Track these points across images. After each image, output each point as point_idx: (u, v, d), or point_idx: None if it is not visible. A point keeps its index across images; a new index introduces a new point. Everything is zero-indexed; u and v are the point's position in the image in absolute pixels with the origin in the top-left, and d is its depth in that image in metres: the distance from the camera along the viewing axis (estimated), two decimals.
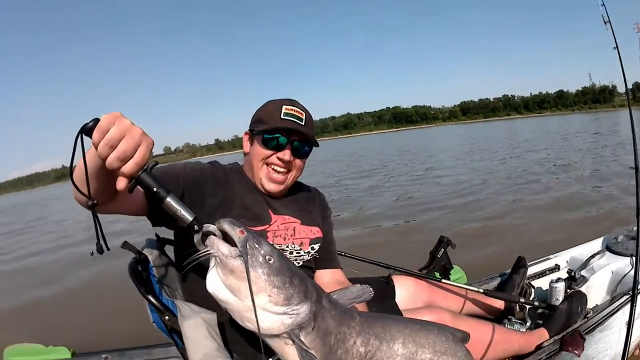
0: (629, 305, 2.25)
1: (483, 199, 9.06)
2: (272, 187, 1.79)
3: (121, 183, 1.13)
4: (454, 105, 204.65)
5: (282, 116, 1.72)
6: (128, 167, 1.10)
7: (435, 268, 2.88)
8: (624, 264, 2.88)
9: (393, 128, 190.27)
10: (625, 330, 2.12)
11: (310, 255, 1.87)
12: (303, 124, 1.76)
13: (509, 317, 2.60)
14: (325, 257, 1.98)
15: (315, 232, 1.91)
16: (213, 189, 1.72)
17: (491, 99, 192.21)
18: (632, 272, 2.66)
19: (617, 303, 2.36)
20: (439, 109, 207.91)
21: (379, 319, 1.44)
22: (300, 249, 1.83)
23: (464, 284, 2.83)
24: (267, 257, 1.20)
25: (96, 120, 1.08)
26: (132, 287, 1.57)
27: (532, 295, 2.90)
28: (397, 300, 2.31)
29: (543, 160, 14.24)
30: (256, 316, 1.14)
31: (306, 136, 1.77)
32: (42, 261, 8.66)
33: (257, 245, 1.20)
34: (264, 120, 1.74)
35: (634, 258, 2.74)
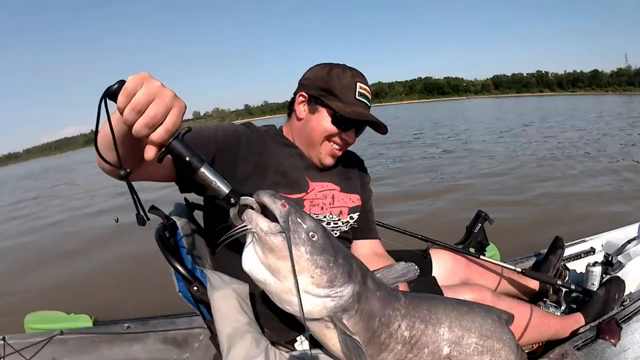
0: None
1: (519, 177, 8.91)
2: (330, 161, 1.74)
3: (150, 152, 1.02)
4: (487, 79, 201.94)
5: (357, 96, 1.64)
6: (158, 135, 0.99)
7: (471, 244, 2.86)
8: None
9: (424, 99, 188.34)
10: None
11: (348, 225, 1.80)
12: (370, 104, 1.71)
13: (544, 299, 2.58)
14: (364, 227, 1.91)
15: (355, 200, 1.83)
16: (246, 154, 1.60)
17: (524, 74, 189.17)
18: None
19: None
20: (471, 81, 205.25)
21: (425, 300, 1.38)
22: (339, 219, 1.75)
23: (501, 261, 2.78)
24: (310, 234, 1.13)
25: (122, 82, 0.97)
26: (156, 256, 1.47)
27: (567, 278, 2.86)
28: (434, 274, 2.27)
29: (580, 142, 13.87)
30: (299, 298, 1.08)
31: (375, 124, 1.70)
32: (65, 230, 8.66)
33: (300, 221, 1.13)
34: (337, 94, 1.63)
35: None
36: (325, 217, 1.71)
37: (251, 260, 1.16)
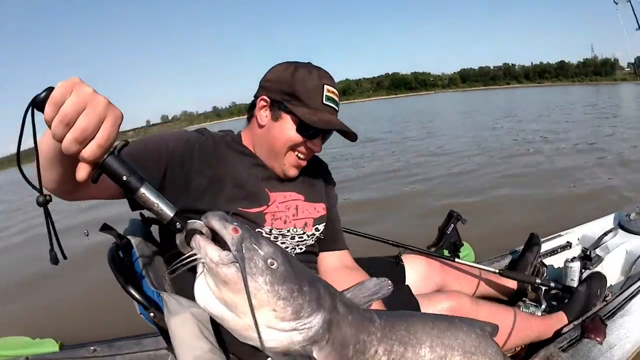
0: None
1: (484, 171, 8.87)
2: (294, 172, 1.60)
3: (82, 171, 0.88)
4: (454, 73, 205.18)
5: (324, 100, 1.50)
6: (89, 151, 0.85)
7: (444, 245, 2.74)
8: (638, 243, 2.79)
9: (392, 94, 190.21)
10: None
11: (314, 238, 1.67)
12: (338, 108, 1.57)
13: (523, 299, 2.49)
14: (331, 238, 1.77)
15: (320, 209, 1.70)
16: (201, 166, 1.45)
17: (491, 67, 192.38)
18: None
19: (638, 285, 2.26)
20: (439, 75, 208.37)
21: (403, 319, 1.23)
22: (304, 233, 1.62)
23: (476, 262, 2.70)
24: (269, 262, 0.96)
25: (50, 90, 0.83)
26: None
27: (545, 275, 2.78)
28: (408, 281, 2.17)
29: (544, 132, 13.92)
30: (260, 336, 0.92)
31: (344, 131, 1.56)
32: (23, 247, 8.27)
33: (256, 247, 0.96)
34: (302, 99, 1.48)
35: None
36: (289, 230, 1.58)
37: (204, 293, 0.98)
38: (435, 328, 1.23)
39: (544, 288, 2.50)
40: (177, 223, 1.00)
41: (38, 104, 0.84)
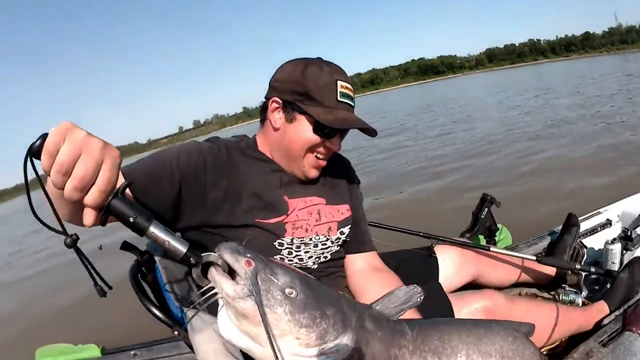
0: None
1: (517, 152, 8.62)
2: (315, 173, 1.54)
3: (88, 217, 0.88)
4: (480, 53, 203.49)
5: (338, 97, 1.43)
6: (91, 198, 0.84)
7: (479, 230, 2.70)
8: None
9: (420, 80, 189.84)
10: None
11: (340, 242, 1.63)
12: (354, 104, 1.50)
13: (563, 285, 2.40)
14: (357, 240, 1.71)
15: (344, 211, 1.64)
16: (215, 178, 1.40)
17: (517, 44, 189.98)
18: None
19: None
20: (465, 57, 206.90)
21: (436, 328, 1.20)
22: (327, 239, 1.57)
23: (511, 248, 2.65)
24: (287, 291, 0.95)
25: (44, 137, 0.82)
26: None
27: (585, 257, 2.66)
28: (441, 274, 2.12)
29: (578, 107, 13.49)
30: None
31: (364, 128, 1.48)
32: (64, 261, 8.49)
33: (271, 277, 0.95)
34: (316, 97, 1.41)
35: None
36: (311, 239, 1.52)
37: (227, 326, 0.97)
38: (472, 335, 1.19)
39: (584, 273, 2.40)
40: (191, 258, 0.98)
41: (35, 153, 0.83)
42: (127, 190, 1.13)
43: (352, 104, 1.48)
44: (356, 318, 1.06)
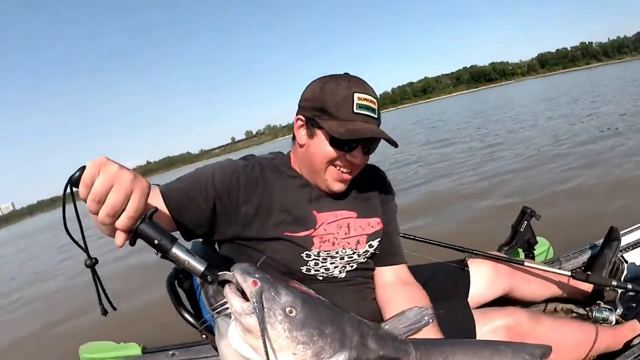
0: None
1: (564, 162, 8.38)
2: (340, 187, 1.57)
3: (119, 239, 1.04)
4: (532, 59, 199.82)
5: (355, 109, 1.44)
6: (121, 222, 1.00)
7: (517, 244, 2.66)
8: None
9: (472, 88, 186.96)
10: None
11: (368, 254, 1.66)
12: (376, 116, 1.50)
13: (598, 302, 2.34)
14: (386, 252, 1.72)
15: (375, 224, 1.66)
16: (247, 195, 1.48)
17: (568, 48, 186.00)
18: None
19: None
20: (517, 63, 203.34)
21: (441, 349, 1.25)
22: (354, 253, 1.60)
23: (550, 262, 2.63)
24: (287, 310, 1.07)
25: (82, 169, 0.98)
26: None
27: (625, 273, 2.61)
28: (473, 287, 2.13)
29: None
30: None
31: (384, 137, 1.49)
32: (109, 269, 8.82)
33: (275, 297, 1.07)
34: (331, 111, 1.44)
35: None
36: (337, 252, 1.56)
37: (234, 337, 1.14)
38: (477, 357, 1.24)
39: (619, 290, 2.34)
40: (208, 276, 1.11)
41: (74, 182, 0.99)
42: (164, 207, 1.33)
43: (372, 115, 1.48)
44: (358, 337, 1.14)
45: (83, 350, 2.64)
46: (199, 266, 1.10)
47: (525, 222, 2.65)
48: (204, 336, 1.42)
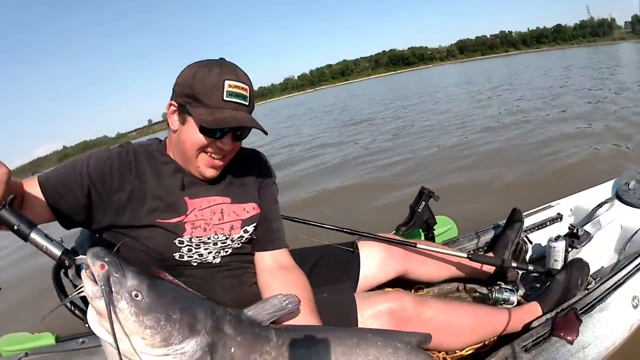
0: (638, 275, 1.98)
1: (470, 142, 8.55)
2: (212, 172, 1.55)
3: None
4: (451, 44, 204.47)
5: (225, 97, 1.41)
6: None
7: (416, 224, 2.60)
8: (635, 217, 2.50)
9: (390, 71, 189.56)
10: (631, 307, 1.87)
11: (243, 240, 1.63)
12: (247, 103, 1.48)
13: (499, 283, 2.23)
14: (265, 238, 1.70)
15: (250, 209, 1.65)
16: (120, 182, 1.46)
17: (488, 36, 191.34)
18: None
19: (624, 273, 2.01)
20: (436, 48, 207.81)
21: (304, 336, 1.26)
22: (227, 238, 1.58)
23: (452, 242, 2.63)
24: (133, 294, 1.07)
25: None
26: None
27: (530, 253, 2.60)
28: (364, 270, 2.10)
29: (538, 96, 13.51)
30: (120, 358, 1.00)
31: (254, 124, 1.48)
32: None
33: (121, 280, 1.06)
34: (201, 98, 1.41)
35: None
36: (209, 238, 1.54)
37: (92, 320, 1.10)
38: (342, 345, 1.24)
39: (520, 272, 2.29)
40: (66, 260, 1.16)
41: None
42: (41, 195, 1.36)
43: (243, 102, 1.47)
44: (212, 322, 1.15)
45: (3, 344, 2.55)
46: (56, 251, 1.16)
47: (423, 202, 2.60)
48: (87, 325, 1.24)
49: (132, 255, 1.43)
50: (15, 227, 1.11)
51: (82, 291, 1.08)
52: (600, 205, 2.69)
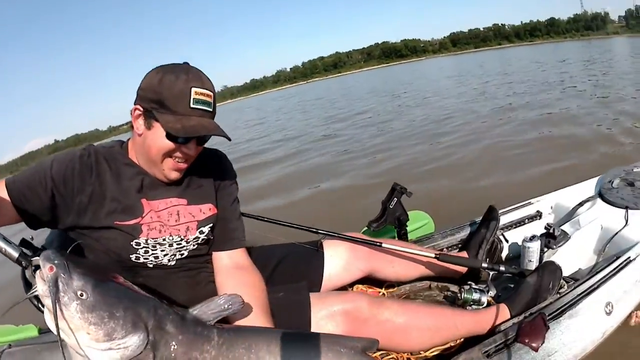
0: (614, 280, 1.89)
1: (450, 134, 8.48)
2: (176, 175, 1.59)
3: None
4: (444, 37, 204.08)
5: (191, 104, 1.44)
6: None
7: (387, 220, 2.54)
8: (616, 217, 2.38)
9: (383, 64, 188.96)
10: (604, 313, 1.80)
11: (199, 241, 1.67)
12: (212, 109, 1.52)
13: (469, 282, 2.16)
14: (222, 238, 1.73)
15: (206, 210, 1.69)
16: (81, 184, 1.49)
17: (481, 29, 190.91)
18: (625, 230, 2.23)
19: (599, 277, 1.92)
20: (429, 41, 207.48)
21: (245, 337, 1.32)
22: (182, 239, 1.62)
23: (426, 238, 2.57)
24: (79, 293, 1.15)
25: None
26: None
27: (506, 252, 2.54)
28: (328, 269, 2.11)
29: (529, 92, 13.12)
30: (63, 354, 1.11)
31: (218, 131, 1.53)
32: None
33: (67, 282, 1.14)
34: (168, 105, 1.43)
35: (629, 211, 2.34)
36: (165, 239, 1.59)
37: (47, 317, 1.17)
38: (284, 348, 1.29)
39: (491, 273, 2.19)
40: (23, 261, 1.26)
41: None
42: (7, 197, 1.41)
43: (208, 109, 1.50)
44: (154, 321, 1.22)
45: None
46: (14, 252, 1.26)
47: (395, 199, 2.55)
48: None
49: (94, 256, 1.52)
50: None
51: (36, 290, 1.16)
52: (581, 204, 2.59)
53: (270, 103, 44.31)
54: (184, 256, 1.65)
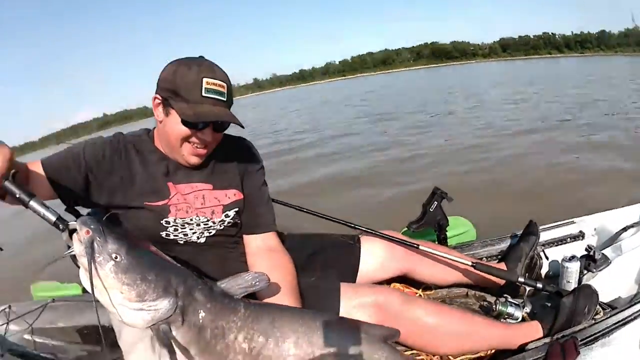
0: None
1: (502, 147, 8.32)
2: (196, 160, 1.70)
3: None
4: (494, 42, 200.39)
5: (203, 93, 1.56)
6: None
7: (427, 223, 2.59)
8: None
9: (432, 64, 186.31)
10: (639, 347, 1.74)
11: (225, 224, 1.79)
12: (225, 99, 1.63)
13: (505, 295, 2.15)
14: (251, 222, 1.85)
15: (232, 195, 1.80)
16: (112, 167, 1.66)
17: (531, 37, 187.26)
18: None
19: (635, 308, 1.86)
20: (478, 45, 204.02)
21: (270, 313, 1.41)
22: (209, 220, 1.75)
23: (465, 246, 2.58)
24: (113, 255, 1.24)
25: None
26: None
27: (546, 269, 2.52)
28: (364, 265, 2.15)
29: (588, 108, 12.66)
30: (96, 308, 1.22)
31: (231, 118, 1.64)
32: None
33: (103, 244, 1.24)
34: (182, 94, 1.56)
35: None
36: (192, 219, 1.71)
37: (82, 276, 1.27)
38: (305, 325, 1.38)
39: (528, 288, 2.21)
40: (60, 225, 1.32)
41: None
42: (44, 175, 1.54)
43: (221, 98, 1.61)
44: (184, 288, 1.32)
45: (35, 289, 2.94)
46: (52, 217, 1.32)
47: (435, 202, 2.59)
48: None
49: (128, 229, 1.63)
50: (17, 196, 1.30)
51: (72, 250, 1.26)
52: (625, 229, 2.53)
53: (332, 93, 43.74)
54: (212, 234, 1.76)
